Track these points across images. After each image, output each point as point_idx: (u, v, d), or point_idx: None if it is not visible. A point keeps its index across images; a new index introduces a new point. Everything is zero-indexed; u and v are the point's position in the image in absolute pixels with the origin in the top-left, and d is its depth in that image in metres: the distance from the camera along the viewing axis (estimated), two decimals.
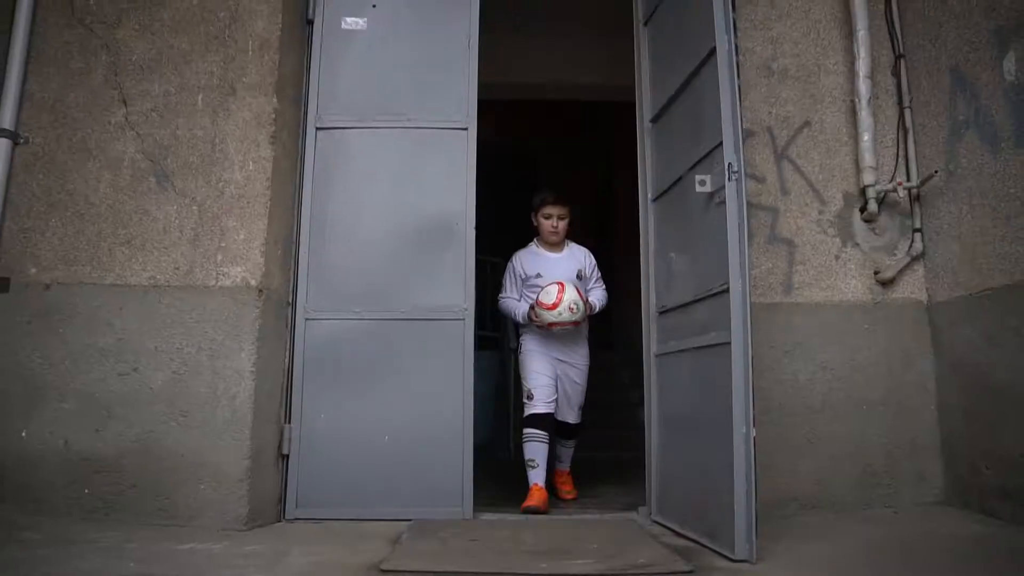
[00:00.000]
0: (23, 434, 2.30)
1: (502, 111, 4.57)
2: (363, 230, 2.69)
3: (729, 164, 2.02)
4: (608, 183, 6.51)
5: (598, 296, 3.11)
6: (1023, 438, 2.09)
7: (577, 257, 3.14)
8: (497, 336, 5.05)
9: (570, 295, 2.83)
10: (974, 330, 2.31)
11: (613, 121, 5.83)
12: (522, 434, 2.98)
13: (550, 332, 2.95)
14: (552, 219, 3.07)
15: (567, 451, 3.25)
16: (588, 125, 6.32)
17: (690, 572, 1.74)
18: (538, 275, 3.03)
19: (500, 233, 3.75)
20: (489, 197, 3.10)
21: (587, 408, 3.15)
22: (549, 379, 2.99)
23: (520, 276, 3.10)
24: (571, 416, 3.12)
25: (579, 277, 3.05)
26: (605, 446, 4.16)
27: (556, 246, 3.13)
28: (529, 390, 3.00)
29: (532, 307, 2.89)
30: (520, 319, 3.04)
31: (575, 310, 2.83)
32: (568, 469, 3.25)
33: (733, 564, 1.82)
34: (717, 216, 2.08)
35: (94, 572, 1.71)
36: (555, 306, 2.81)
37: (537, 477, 2.88)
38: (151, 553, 1.91)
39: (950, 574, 1.74)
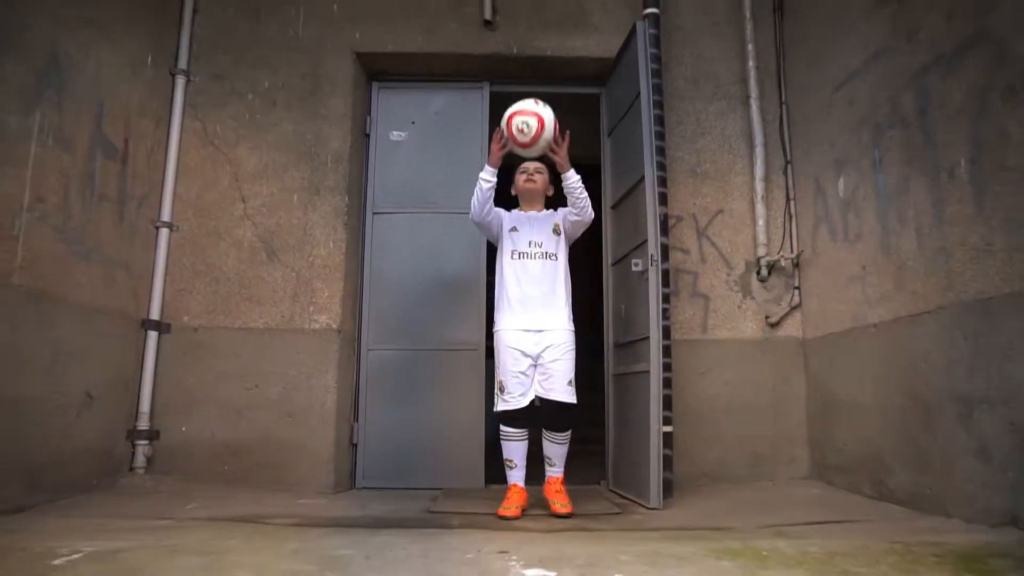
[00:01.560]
0: (183, 429, 3.42)
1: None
2: (407, 286, 3.80)
3: (652, 255, 3.12)
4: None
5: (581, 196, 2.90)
6: (844, 435, 3.18)
7: (555, 215, 3.06)
8: None
9: (523, 117, 2.73)
10: (823, 360, 3.40)
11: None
12: (499, 431, 2.92)
13: (521, 300, 2.87)
14: (527, 172, 3.05)
15: (559, 449, 2.92)
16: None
17: (618, 513, 2.85)
18: (514, 228, 3.01)
19: None
20: None
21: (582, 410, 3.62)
22: (522, 371, 2.86)
23: (503, 217, 3.05)
24: (559, 392, 2.82)
25: (556, 232, 3.00)
26: (594, 439, 5.24)
27: (535, 205, 3.08)
28: (500, 381, 2.88)
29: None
30: (483, 179, 2.90)
31: (524, 131, 2.73)
32: (562, 475, 2.93)
33: (648, 510, 2.92)
34: (645, 287, 3.17)
35: (256, 511, 2.82)
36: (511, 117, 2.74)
37: (515, 478, 2.88)
38: (281, 504, 3.02)
39: (779, 513, 2.82)
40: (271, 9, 3.81)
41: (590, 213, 2.94)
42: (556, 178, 3.05)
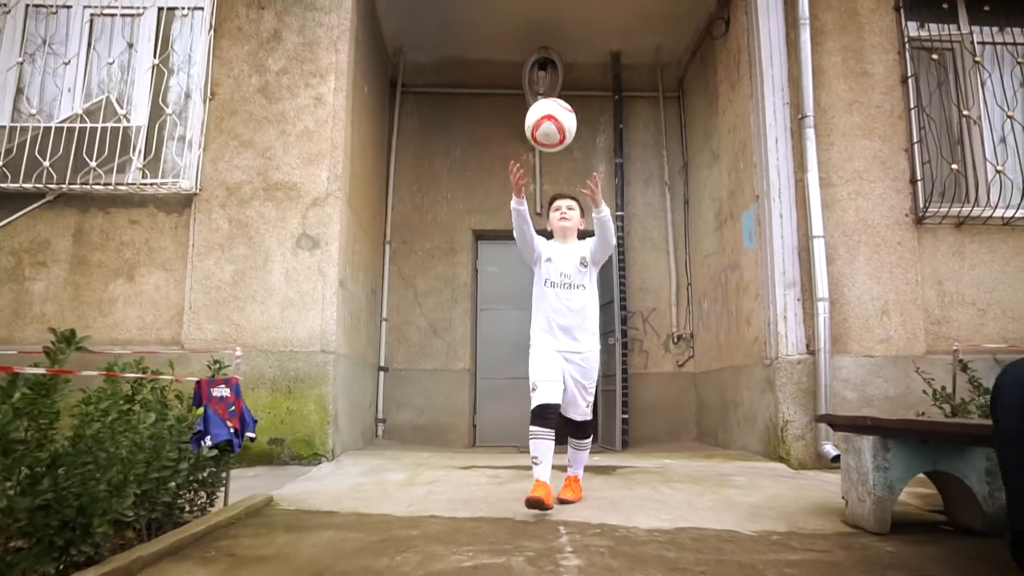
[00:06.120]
0: (397, 418, 7.22)
1: None
2: (498, 346, 7.56)
3: (617, 338, 6.88)
4: None
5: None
6: (707, 419, 6.95)
7: (582, 245, 3.40)
8: None
9: (544, 130, 3.10)
10: (703, 385, 7.18)
11: None
12: (528, 431, 3.11)
13: (557, 324, 3.29)
14: (560, 210, 3.39)
15: (580, 455, 3.41)
16: None
17: (603, 451, 6.63)
18: (548, 259, 3.37)
19: None
20: None
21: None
22: (553, 374, 3.20)
23: (540, 248, 3.39)
24: (577, 413, 3.33)
25: (583, 264, 3.35)
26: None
27: (568, 238, 3.42)
28: (533, 382, 3.21)
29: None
30: (514, 209, 3.24)
31: (550, 135, 3.11)
32: (577, 474, 3.39)
33: (615, 451, 6.68)
34: (614, 350, 6.94)
35: (438, 452, 6.56)
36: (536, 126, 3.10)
37: (540, 473, 3.04)
38: (452, 450, 6.78)
39: (672, 451, 6.54)
40: (429, 207, 7.61)
41: (612, 243, 3.40)
42: None
